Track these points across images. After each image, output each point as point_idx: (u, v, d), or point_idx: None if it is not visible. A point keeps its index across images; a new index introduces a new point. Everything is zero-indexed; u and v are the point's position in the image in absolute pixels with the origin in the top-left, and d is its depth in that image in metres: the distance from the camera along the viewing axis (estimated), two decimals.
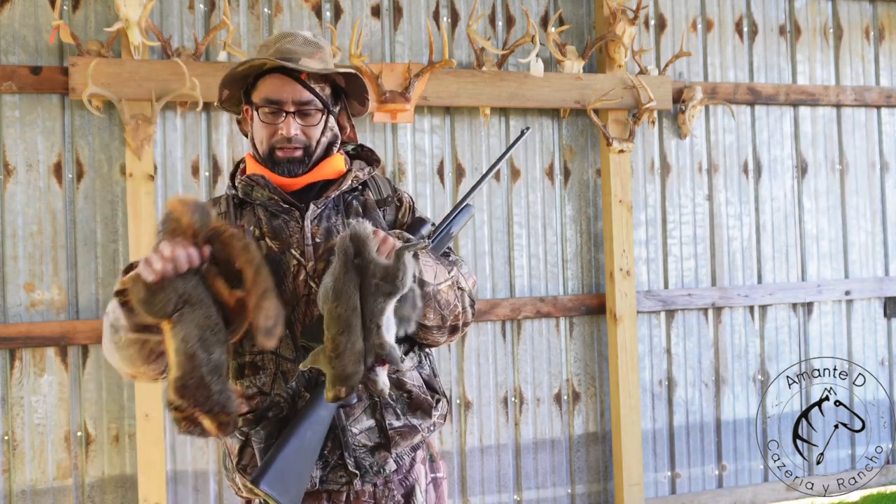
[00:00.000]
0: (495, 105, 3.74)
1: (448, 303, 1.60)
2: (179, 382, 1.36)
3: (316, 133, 1.66)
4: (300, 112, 1.63)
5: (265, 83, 1.64)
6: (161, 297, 1.37)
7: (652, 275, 4.06)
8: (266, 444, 1.56)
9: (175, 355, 1.37)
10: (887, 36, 4.55)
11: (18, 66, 3.24)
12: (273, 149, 1.64)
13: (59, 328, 3.23)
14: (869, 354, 4.44)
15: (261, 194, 1.65)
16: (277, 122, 1.63)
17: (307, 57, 1.64)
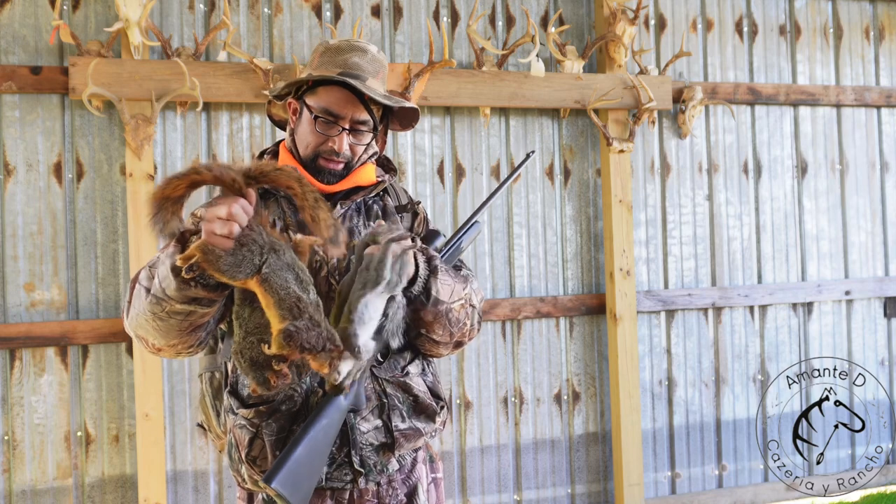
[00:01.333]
0: (495, 105, 3.74)
1: (458, 320, 1.62)
2: (291, 330, 1.32)
3: (361, 150, 1.69)
4: (354, 129, 1.65)
5: (328, 92, 1.64)
6: (244, 257, 1.34)
7: (652, 275, 4.06)
8: (278, 438, 1.56)
9: (277, 307, 1.34)
10: (887, 36, 4.55)
11: (18, 66, 3.24)
12: (318, 156, 1.66)
13: (59, 328, 3.23)
14: (869, 354, 4.44)
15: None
16: (331, 134, 1.64)
17: (372, 76, 1.66)
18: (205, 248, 1.35)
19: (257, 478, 1.59)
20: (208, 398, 1.79)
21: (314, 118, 1.64)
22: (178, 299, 1.42)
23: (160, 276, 1.44)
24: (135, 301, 1.50)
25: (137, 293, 1.49)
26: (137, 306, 1.49)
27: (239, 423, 1.61)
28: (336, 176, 1.67)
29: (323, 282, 1.59)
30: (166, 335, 1.49)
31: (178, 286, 1.41)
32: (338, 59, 1.65)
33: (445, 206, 3.75)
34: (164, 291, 1.43)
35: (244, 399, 1.62)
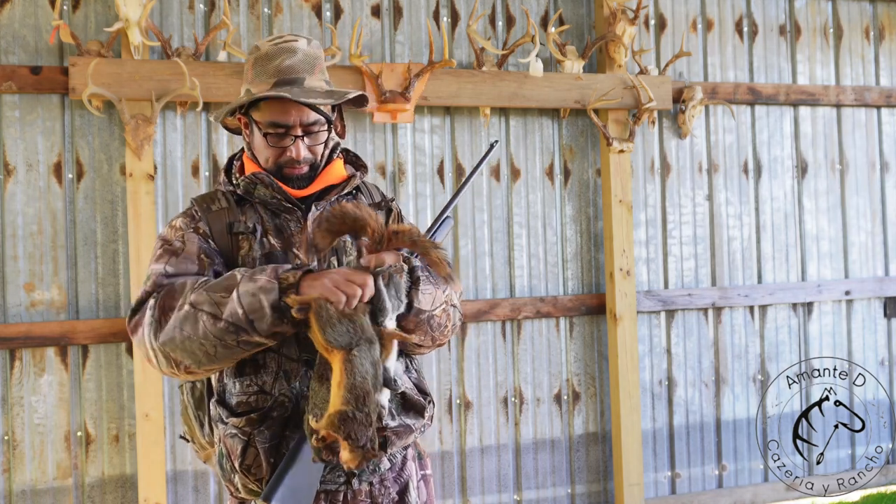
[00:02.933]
0: (495, 105, 3.74)
1: (440, 325, 1.63)
2: (349, 415, 1.32)
3: (321, 148, 1.68)
4: (307, 133, 1.64)
5: (269, 105, 1.62)
6: (348, 330, 1.35)
7: (652, 275, 4.06)
8: (271, 444, 1.55)
9: (343, 389, 1.34)
10: (887, 36, 4.55)
11: (18, 66, 3.24)
12: (280, 167, 1.65)
13: (59, 328, 3.23)
14: (869, 354, 4.44)
15: (264, 192, 1.65)
16: (285, 145, 1.63)
17: (308, 74, 1.64)
18: (324, 302, 1.36)
19: (252, 486, 1.58)
20: (190, 409, 1.77)
21: (264, 134, 1.63)
22: (263, 333, 1.43)
23: (246, 306, 1.41)
24: (180, 323, 1.46)
25: (187, 316, 1.45)
26: (187, 330, 1.45)
27: (230, 432, 1.59)
28: (304, 179, 1.67)
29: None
30: (219, 361, 1.49)
31: (273, 322, 1.42)
32: (269, 67, 1.63)
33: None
34: (250, 323, 1.42)
35: (233, 408, 1.60)
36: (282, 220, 1.66)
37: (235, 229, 1.64)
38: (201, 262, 1.59)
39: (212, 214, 1.67)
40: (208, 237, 1.63)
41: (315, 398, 1.40)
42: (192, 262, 1.58)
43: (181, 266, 1.57)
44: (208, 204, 1.69)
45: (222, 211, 1.67)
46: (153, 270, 1.58)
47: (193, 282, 1.50)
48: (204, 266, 1.58)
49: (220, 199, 1.70)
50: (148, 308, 1.51)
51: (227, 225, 1.65)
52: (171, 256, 1.58)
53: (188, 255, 1.59)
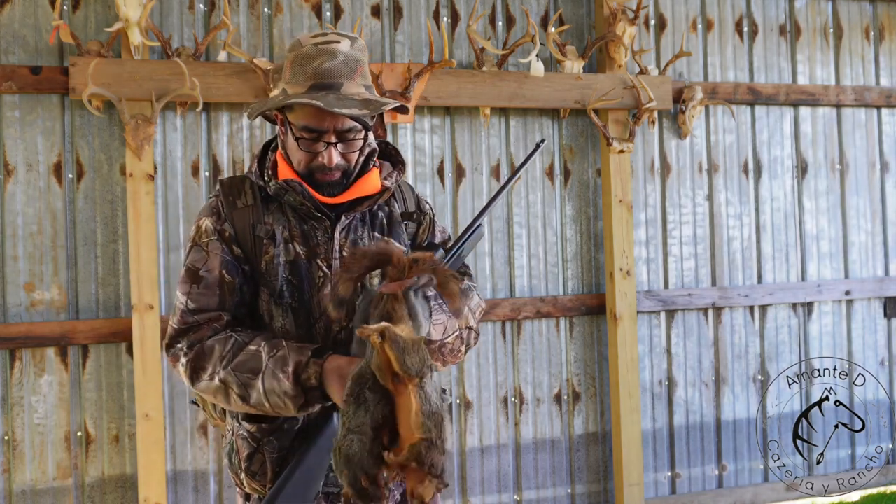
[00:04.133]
0: (495, 105, 3.74)
1: (453, 350, 1.62)
2: (430, 443, 1.29)
3: (356, 155, 1.61)
4: (341, 140, 1.57)
5: (304, 109, 1.55)
6: (420, 355, 1.32)
7: (652, 275, 4.06)
8: (279, 455, 1.57)
9: (422, 416, 1.30)
10: (887, 36, 4.55)
11: (18, 66, 3.23)
12: (312, 172, 1.59)
13: (59, 328, 3.23)
14: (869, 354, 4.44)
15: (294, 199, 1.60)
16: (318, 150, 1.57)
17: (347, 79, 1.55)
18: (396, 331, 1.32)
19: (256, 487, 1.60)
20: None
21: (297, 138, 1.57)
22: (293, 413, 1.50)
23: (272, 404, 1.48)
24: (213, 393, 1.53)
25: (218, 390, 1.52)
26: (220, 400, 1.53)
27: (241, 433, 1.60)
28: (337, 186, 1.60)
29: (325, 298, 1.56)
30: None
31: (298, 414, 1.49)
32: (307, 68, 1.55)
33: (445, 207, 3.75)
34: (276, 413, 1.50)
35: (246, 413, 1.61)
36: (309, 226, 1.62)
37: (257, 232, 1.61)
38: (223, 291, 1.57)
39: (237, 212, 1.62)
40: (233, 241, 1.60)
41: (350, 423, 1.32)
42: (213, 295, 1.57)
43: (202, 301, 1.57)
44: (234, 198, 1.64)
45: (247, 209, 1.63)
46: (178, 301, 1.59)
47: (222, 349, 1.52)
48: (224, 296, 1.57)
49: (248, 192, 1.65)
50: (180, 362, 1.56)
51: (250, 225, 1.61)
52: (193, 284, 1.57)
53: (210, 285, 1.57)
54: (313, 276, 1.58)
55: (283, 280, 1.57)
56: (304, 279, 1.57)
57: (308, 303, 1.57)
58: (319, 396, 1.45)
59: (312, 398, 1.45)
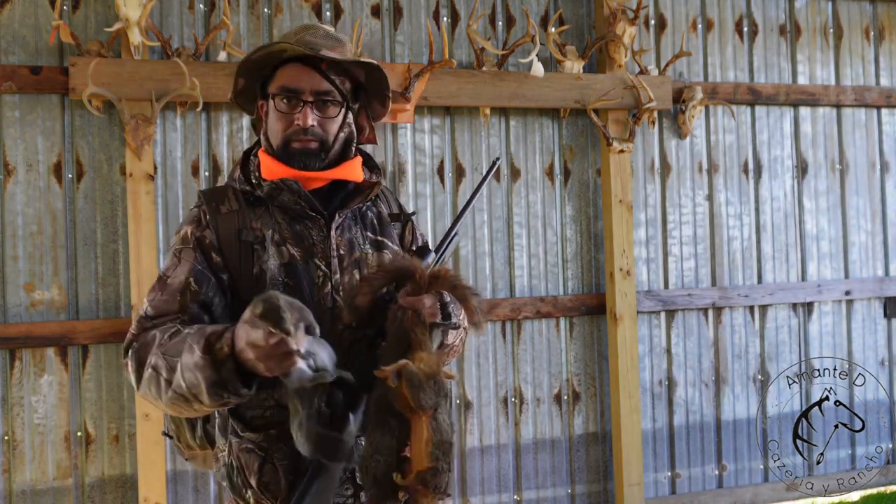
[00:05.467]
0: (495, 105, 3.73)
1: (455, 350, 1.65)
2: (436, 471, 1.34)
3: (333, 127, 1.59)
4: (318, 102, 1.56)
5: (283, 72, 1.57)
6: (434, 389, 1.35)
7: (652, 275, 4.06)
8: (290, 462, 1.51)
9: (432, 446, 1.35)
10: (887, 36, 4.55)
11: (18, 66, 3.23)
12: (288, 141, 1.57)
13: (59, 328, 3.23)
14: (869, 354, 4.44)
15: (288, 199, 1.57)
16: (294, 113, 1.56)
17: (328, 49, 1.57)
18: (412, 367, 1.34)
19: (268, 500, 1.53)
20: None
21: (273, 99, 1.58)
22: (209, 406, 1.35)
23: (187, 381, 1.32)
24: (147, 384, 1.40)
25: (151, 379, 1.39)
26: (153, 391, 1.40)
27: (245, 446, 1.53)
28: (313, 157, 1.57)
29: (326, 297, 1.54)
30: (191, 416, 1.50)
31: (213, 399, 1.32)
32: (288, 36, 1.59)
33: (445, 206, 3.75)
34: (195, 397, 1.33)
35: (247, 421, 1.54)
36: (302, 226, 1.58)
37: (244, 237, 1.55)
38: (184, 298, 1.48)
39: (221, 217, 1.57)
40: (213, 248, 1.54)
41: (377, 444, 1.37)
42: (173, 301, 1.48)
43: (162, 306, 1.48)
44: (217, 203, 1.59)
45: (232, 214, 1.58)
46: (142, 306, 1.52)
47: (161, 336, 1.41)
48: (185, 302, 1.48)
49: (231, 198, 1.60)
50: (130, 365, 1.45)
51: (236, 231, 1.55)
52: (158, 292, 1.51)
53: (172, 292, 1.49)
54: (312, 276, 1.55)
55: (280, 283, 1.52)
56: (303, 279, 1.54)
57: (309, 303, 1.52)
58: (233, 373, 1.27)
59: (226, 375, 1.28)
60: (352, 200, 1.63)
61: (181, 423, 1.70)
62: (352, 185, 1.67)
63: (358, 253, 1.59)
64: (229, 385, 1.29)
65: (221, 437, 1.60)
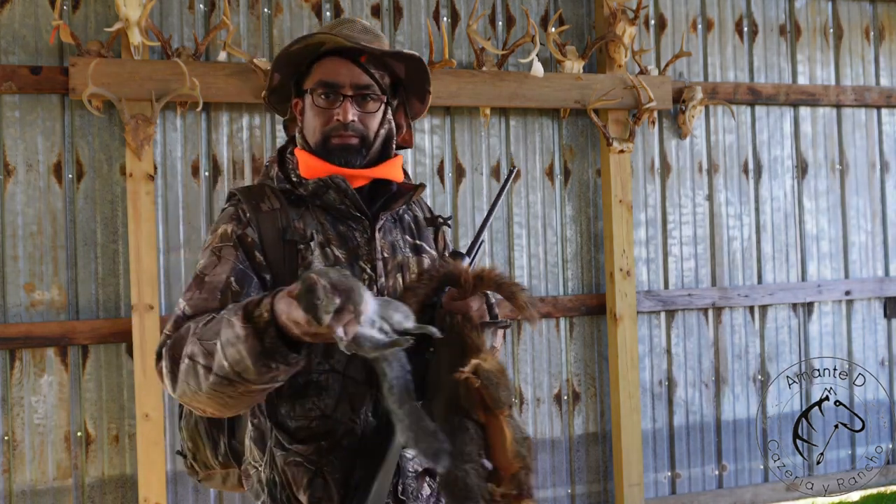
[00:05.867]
0: (495, 105, 3.73)
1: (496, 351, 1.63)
2: (528, 471, 1.32)
3: (374, 123, 1.54)
4: (358, 97, 1.51)
5: (321, 67, 1.53)
6: (508, 385, 1.31)
7: (652, 275, 4.06)
8: (342, 475, 1.43)
9: (514, 445, 1.32)
10: (887, 36, 4.55)
11: (18, 66, 3.23)
12: (327, 137, 1.51)
13: (59, 328, 3.23)
14: (869, 354, 4.44)
15: (333, 198, 1.49)
16: (333, 108, 1.50)
17: (367, 43, 1.54)
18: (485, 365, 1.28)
19: None
20: (202, 424, 1.61)
21: (312, 94, 1.52)
22: (257, 383, 1.25)
23: (230, 358, 1.23)
24: (185, 377, 1.30)
25: (188, 370, 1.30)
26: (192, 384, 1.29)
27: (293, 459, 1.44)
28: (354, 154, 1.51)
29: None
30: (240, 407, 1.34)
31: (260, 371, 1.23)
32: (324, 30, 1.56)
33: (445, 207, 3.75)
34: (238, 375, 1.24)
35: (292, 432, 1.45)
36: (346, 228, 1.51)
37: (289, 236, 1.47)
38: (224, 297, 1.40)
39: (262, 216, 1.49)
40: (256, 247, 1.46)
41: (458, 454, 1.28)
42: (213, 300, 1.40)
43: (201, 304, 1.40)
44: (257, 201, 1.51)
45: (274, 213, 1.49)
46: (178, 306, 1.43)
47: (195, 326, 1.33)
48: (226, 301, 1.39)
49: (271, 197, 1.52)
50: (163, 366, 1.36)
51: (279, 230, 1.48)
52: (196, 290, 1.42)
53: (212, 290, 1.41)
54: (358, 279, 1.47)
55: None
56: None
57: None
58: (277, 339, 1.20)
59: (270, 342, 1.20)
60: (395, 202, 1.56)
61: (200, 439, 1.62)
62: (395, 185, 1.60)
63: (400, 257, 1.55)
64: (277, 353, 1.21)
65: (257, 449, 1.51)
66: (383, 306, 1.23)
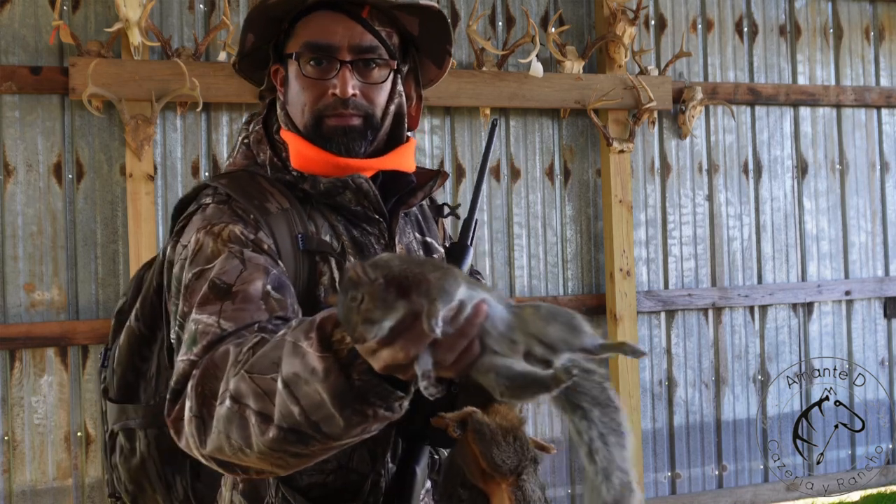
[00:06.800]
0: (495, 105, 3.73)
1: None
2: None
3: (381, 97, 1.19)
4: (359, 63, 1.16)
5: (309, 24, 1.16)
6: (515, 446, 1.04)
7: (652, 275, 4.06)
8: None
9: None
10: (887, 36, 4.55)
11: (18, 66, 3.23)
12: (320, 117, 1.16)
13: (59, 328, 3.23)
14: (869, 354, 4.44)
15: (349, 198, 1.18)
16: (327, 78, 1.15)
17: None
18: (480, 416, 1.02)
19: None
20: (153, 464, 1.29)
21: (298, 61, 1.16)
22: (343, 438, 0.87)
23: (303, 401, 0.84)
24: (225, 427, 0.90)
25: (231, 417, 0.90)
26: (236, 438, 0.90)
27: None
28: (355, 136, 1.16)
29: None
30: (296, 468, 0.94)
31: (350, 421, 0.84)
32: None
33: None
34: (315, 427, 0.85)
35: (305, 490, 1.15)
36: (360, 232, 1.20)
37: (308, 246, 1.14)
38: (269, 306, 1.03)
39: (273, 219, 1.14)
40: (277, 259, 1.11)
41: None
42: (258, 310, 1.02)
43: (244, 316, 1.01)
44: (261, 201, 1.14)
45: (286, 215, 1.15)
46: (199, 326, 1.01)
47: (237, 351, 0.94)
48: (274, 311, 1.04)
49: (275, 193, 1.17)
50: (186, 396, 0.96)
51: (293, 238, 1.14)
52: (223, 301, 1.02)
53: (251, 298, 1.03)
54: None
55: None
56: None
57: None
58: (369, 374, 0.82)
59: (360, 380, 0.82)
60: (412, 196, 1.25)
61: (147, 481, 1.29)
62: (411, 177, 1.27)
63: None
64: (373, 395, 0.82)
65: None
66: (526, 315, 0.81)
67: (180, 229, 1.17)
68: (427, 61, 1.30)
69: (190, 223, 1.15)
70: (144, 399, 1.27)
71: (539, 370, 0.78)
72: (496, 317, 0.79)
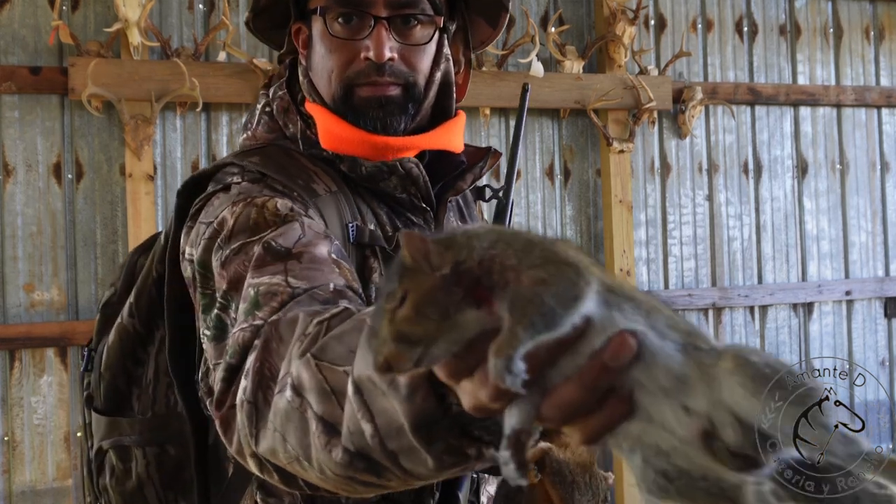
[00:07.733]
0: (495, 105, 3.73)
1: None
2: None
3: (424, 61, 1.01)
4: (397, 21, 0.98)
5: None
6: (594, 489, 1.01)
7: (652, 275, 4.06)
8: None
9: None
10: (887, 36, 4.55)
11: (18, 66, 3.23)
12: (351, 85, 0.99)
13: (58, 329, 3.23)
14: (869, 354, 4.43)
15: (395, 185, 1.01)
16: (359, 38, 0.98)
17: None
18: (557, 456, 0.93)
19: None
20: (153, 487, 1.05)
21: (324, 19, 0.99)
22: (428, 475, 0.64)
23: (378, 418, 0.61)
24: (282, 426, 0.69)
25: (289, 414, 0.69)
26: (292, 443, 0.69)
27: None
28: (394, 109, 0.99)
29: None
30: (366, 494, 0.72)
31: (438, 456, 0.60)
32: None
33: None
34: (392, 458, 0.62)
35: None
36: (403, 221, 1.04)
37: (360, 238, 0.97)
38: (342, 270, 0.86)
39: (322, 202, 0.96)
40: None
41: None
42: (331, 272, 0.84)
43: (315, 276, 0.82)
44: (305, 181, 0.97)
45: (333, 198, 0.98)
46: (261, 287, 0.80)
47: (306, 323, 0.72)
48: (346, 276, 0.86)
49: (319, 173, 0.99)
50: (243, 374, 0.76)
51: (342, 228, 0.98)
52: (287, 261, 0.83)
53: (320, 260, 0.84)
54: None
55: None
56: None
57: None
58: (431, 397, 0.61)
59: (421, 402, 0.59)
60: (460, 180, 1.08)
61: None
62: (461, 157, 1.10)
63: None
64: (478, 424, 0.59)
65: None
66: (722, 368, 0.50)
67: (197, 211, 0.97)
68: (478, 19, 1.10)
69: (210, 203, 0.95)
70: (139, 410, 1.07)
71: (734, 475, 0.44)
72: (658, 360, 0.48)
